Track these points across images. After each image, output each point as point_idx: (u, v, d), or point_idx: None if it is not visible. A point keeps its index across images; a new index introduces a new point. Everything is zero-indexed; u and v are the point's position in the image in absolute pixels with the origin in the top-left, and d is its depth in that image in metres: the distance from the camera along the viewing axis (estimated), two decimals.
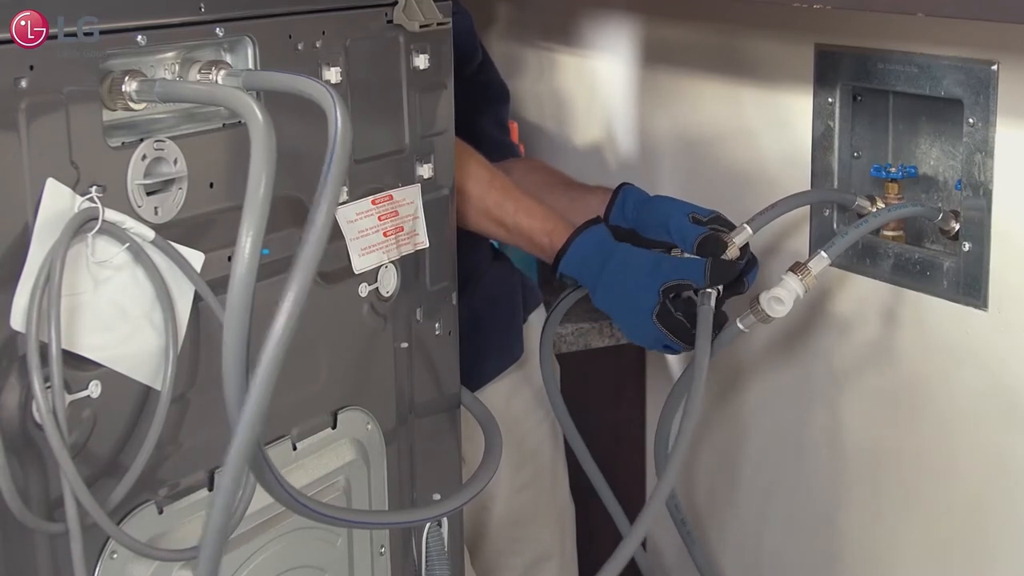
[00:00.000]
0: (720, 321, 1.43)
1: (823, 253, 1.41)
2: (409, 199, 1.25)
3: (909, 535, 1.58)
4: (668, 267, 1.41)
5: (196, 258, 1.03)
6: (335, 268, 1.19)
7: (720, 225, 1.46)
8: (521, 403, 1.71)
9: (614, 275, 1.43)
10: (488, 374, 1.66)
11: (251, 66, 1.07)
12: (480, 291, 1.63)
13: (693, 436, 1.38)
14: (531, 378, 1.73)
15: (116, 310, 0.97)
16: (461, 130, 1.34)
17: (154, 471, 1.03)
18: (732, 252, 1.42)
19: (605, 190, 1.59)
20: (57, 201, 0.92)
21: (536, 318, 1.76)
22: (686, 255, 1.45)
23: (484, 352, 1.64)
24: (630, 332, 1.46)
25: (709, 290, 1.40)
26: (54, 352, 0.90)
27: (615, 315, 1.46)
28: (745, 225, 1.44)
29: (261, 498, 1.07)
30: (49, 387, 0.90)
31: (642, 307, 1.40)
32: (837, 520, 1.69)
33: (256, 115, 0.90)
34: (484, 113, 1.71)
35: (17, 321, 0.91)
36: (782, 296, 1.41)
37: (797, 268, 1.41)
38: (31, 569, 0.96)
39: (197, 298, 1.03)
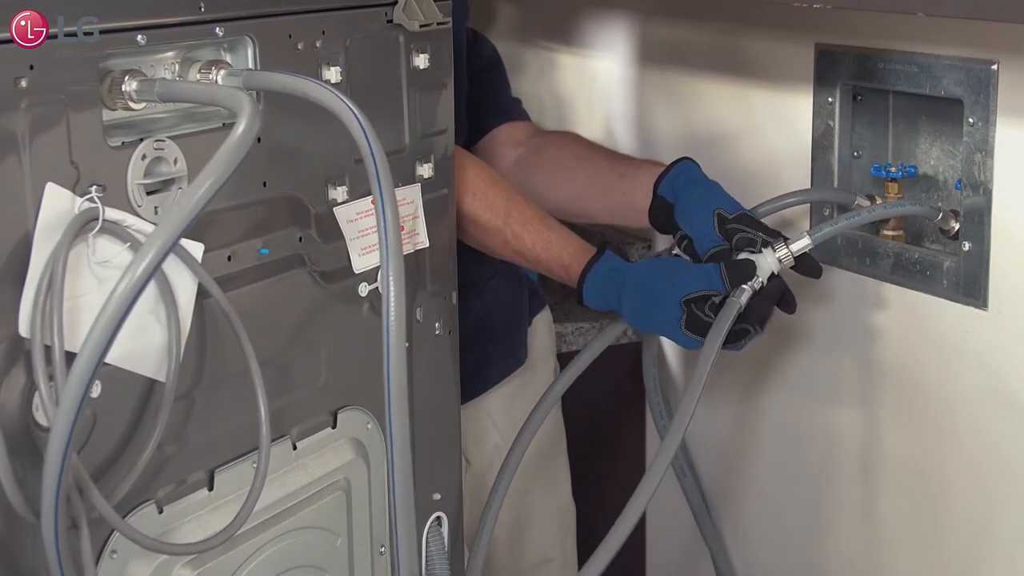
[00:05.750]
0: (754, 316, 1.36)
1: (807, 236, 1.39)
2: (409, 199, 1.25)
3: (907, 535, 1.58)
4: (684, 280, 1.37)
5: (196, 248, 1.03)
6: (335, 268, 1.19)
7: (745, 225, 1.41)
8: (523, 407, 1.70)
9: (633, 300, 1.40)
10: (493, 379, 1.66)
11: (251, 66, 1.07)
12: (488, 295, 1.63)
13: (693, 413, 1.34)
14: (534, 382, 1.72)
15: None
16: (488, 102, 1.30)
17: (154, 471, 1.03)
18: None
19: (655, 165, 1.54)
20: (57, 204, 0.92)
21: (540, 321, 1.76)
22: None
23: (491, 357, 1.63)
24: (675, 341, 1.41)
25: (744, 287, 1.35)
26: (57, 356, 0.90)
27: (653, 332, 1.42)
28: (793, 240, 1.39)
29: (261, 498, 1.07)
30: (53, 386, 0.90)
31: (669, 321, 1.37)
32: (833, 519, 1.69)
33: (245, 117, 0.90)
34: (498, 77, 1.69)
35: (24, 328, 0.91)
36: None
37: (776, 244, 1.39)
38: (31, 569, 0.96)
39: (200, 295, 1.03)
